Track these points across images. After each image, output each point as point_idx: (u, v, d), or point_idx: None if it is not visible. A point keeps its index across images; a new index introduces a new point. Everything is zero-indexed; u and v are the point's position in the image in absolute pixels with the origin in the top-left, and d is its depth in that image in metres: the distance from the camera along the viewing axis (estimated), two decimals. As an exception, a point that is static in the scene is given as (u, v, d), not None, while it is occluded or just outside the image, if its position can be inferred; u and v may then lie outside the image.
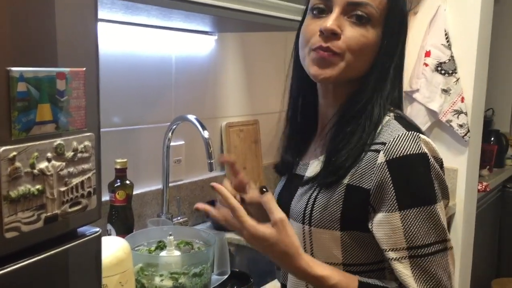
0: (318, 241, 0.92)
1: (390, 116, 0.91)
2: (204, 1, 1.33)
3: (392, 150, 0.85)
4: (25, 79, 0.58)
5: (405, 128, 0.88)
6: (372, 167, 0.86)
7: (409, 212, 0.83)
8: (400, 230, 0.83)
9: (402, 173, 0.84)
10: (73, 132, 0.66)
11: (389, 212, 0.84)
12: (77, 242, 0.69)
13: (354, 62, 0.90)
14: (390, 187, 0.84)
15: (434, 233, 0.84)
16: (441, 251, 0.84)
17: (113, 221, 1.51)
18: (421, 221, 0.83)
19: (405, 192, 0.84)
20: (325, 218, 0.90)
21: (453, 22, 2.27)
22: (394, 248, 0.84)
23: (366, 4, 0.89)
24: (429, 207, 0.83)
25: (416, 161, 0.84)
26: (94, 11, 0.71)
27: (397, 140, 0.85)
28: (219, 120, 2.07)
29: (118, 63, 1.64)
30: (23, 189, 0.59)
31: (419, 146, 0.85)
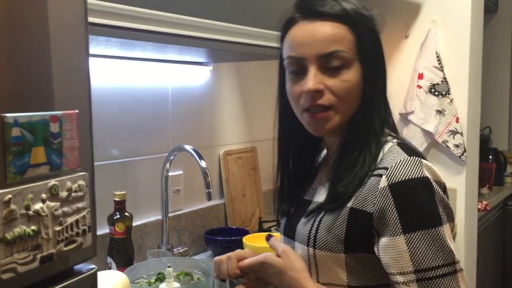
0: (322, 263, 0.93)
1: (393, 143, 0.94)
2: (198, 35, 1.36)
3: (394, 175, 0.86)
4: (20, 124, 0.60)
5: (407, 154, 0.90)
6: (375, 191, 0.88)
7: (414, 235, 0.84)
8: (406, 254, 0.84)
9: (404, 196, 0.86)
10: (67, 172, 0.67)
11: (394, 236, 0.85)
12: (74, 280, 0.70)
13: (346, 107, 0.94)
14: (393, 211, 0.85)
15: (441, 256, 0.84)
16: (450, 274, 0.84)
17: (113, 253, 1.52)
18: (427, 243, 0.83)
19: (409, 215, 0.85)
20: (329, 240, 0.91)
21: (444, 44, 2.30)
22: (401, 272, 0.84)
23: (336, 52, 0.91)
24: (434, 229, 0.84)
25: (419, 185, 0.86)
26: (86, 53, 0.73)
27: (399, 165, 0.87)
28: (217, 149, 2.09)
29: (115, 96, 1.67)
30: (19, 231, 0.61)
31: (420, 170, 0.87)
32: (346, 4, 0.94)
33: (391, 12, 2.40)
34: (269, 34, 1.56)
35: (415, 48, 2.35)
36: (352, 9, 0.94)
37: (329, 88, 0.91)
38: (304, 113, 0.95)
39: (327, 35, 0.91)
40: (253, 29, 1.51)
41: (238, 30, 1.46)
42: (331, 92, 0.91)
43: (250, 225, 2.13)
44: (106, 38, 1.22)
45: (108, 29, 1.12)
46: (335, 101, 0.92)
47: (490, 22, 3.69)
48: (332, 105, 0.92)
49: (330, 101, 0.92)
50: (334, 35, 0.91)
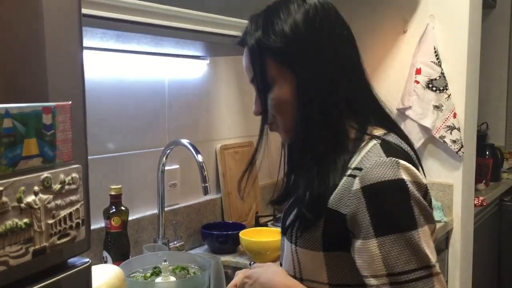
0: (304, 260, 0.93)
1: (376, 141, 0.91)
2: (194, 27, 1.35)
3: (367, 177, 0.85)
4: (11, 115, 0.60)
5: (385, 154, 0.87)
6: (348, 193, 0.86)
7: (386, 238, 0.82)
8: (379, 257, 0.82)
9: (377, 199, 0.84)
10: (60, 164, 0.67)
11: (366, 239, 0.84)
12: (67, 274, 0.70)
13: (285, 120, 0.96)
14: (366, 214, 0.84)
15: (415, 260, 0.82)
16: (425, 277, 0.82)
17: (109, 247, 1.51)
18: (400, 247, 0.82)
19: (380, 218, 0.83)
20: (307, 239, 0.91)
21: (442, 39, 2.30)
22: (374, 275, 0.83)
23: (251, 79, 0.97)
24: (407, 233, 0.82)
25: (392, 187, 0.84)
26: (79, 45, 0.72)
27: (373, 166, 0.85)
28: (213, 143, 2.09)
29: (112, 89, 1.66)
30: (11, 224, 0.60)
31: (396, 172, 0.84)
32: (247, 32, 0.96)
33: (389, 6, 2.39)
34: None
35: (413, 43, 2.35)
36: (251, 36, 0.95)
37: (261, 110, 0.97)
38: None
39: (244, 65, 0.99)
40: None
41: (235, 23, 1.45)
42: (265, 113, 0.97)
43: (246, 220, 2.13)
44: (102, 31, 1.21)
45: (103, 21, 1.11)
46: (274, 118, 0.97)
47: (488, 18, 3.68)
48: (274, 121, 0.98)
49: (271, 118, 0.97)
50: (246, 64, 0.98)
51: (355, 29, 1.00)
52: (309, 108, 0.92)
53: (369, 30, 2.42)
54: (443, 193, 2.34)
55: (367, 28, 2.42)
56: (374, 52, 2.44)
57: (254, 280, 1.01)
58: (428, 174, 2.46)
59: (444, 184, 2.33)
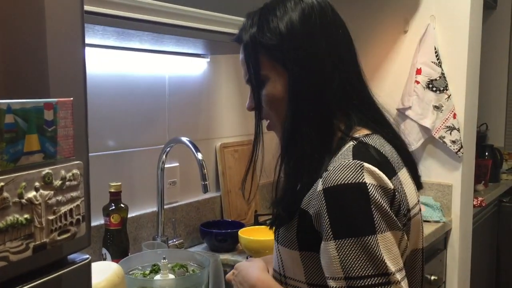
0: (284, 258, 0.95)
1: (353, 142, 0.90)
2: (195, 25, 1.35)
3: (329, 179, 0.84)
4: (13, 111, 0.60)
5: (352, 157, 0.86)
6: (315, 194, 0.87)
7: (344, 242, 0.81)
8: (336, 260, 0.82)
9: (336, 202, 0.83)
10: (61, 160, 0.67)
11: (326, 241, 0.83)
12: (67, 270, 0.70)
13: (275, 115, 0.97)
14: (326, 216, 0.83)
15: (371, 266, 0.80)
16: (381, 285, 0.80)
17: (108, 245, 1.51)
18: (356, 252, 0.80)
19: (339, 221, 0.82)
20: (286, 237, 0.93)
21: (443, 39, 2.30)
22: (333, 277, 0.83)
23: (245, 75, 0.98)
24: (364, 238, 0.80)
25: (352, 191, 0.82)
26: (81, 41, 0.72)
27: (336, 168, 0.84)
28: (213, 141, 2.09)
29: (112, 87, 1.66)
30: (11, 219, 0.60)
31: (358, 175, 0.83)
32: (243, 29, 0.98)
33: (390, 6, 2.39)
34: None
35: (414, 43, 2.34)
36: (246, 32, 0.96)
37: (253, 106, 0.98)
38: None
39: (240, 59, 1.00)
40: (251, 21, 1.49)
41: (236, 21, 1.45)
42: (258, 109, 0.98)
43: (246, 218, 2.13)
44: (103, 28, 1.21)
45: (104, 18, 1.11)
46: (267, 112, 0.98)
47: (489, 19, 3.68)
48: (266, 118, 0.99)
49: (265, 115, 0.99)
50: (241, 61, 0.99)
51: (356, 29, 1.00)
52: (299, 105, 0.92)
53: (369, 30, 2.42)
54: (442, 193, 2.34)
55: (368, 27, 2.42)
56: (375, 51, 2.44)
57: (238, 272, 1.06)
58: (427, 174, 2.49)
59: (443, 185, 2.33)
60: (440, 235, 2.27)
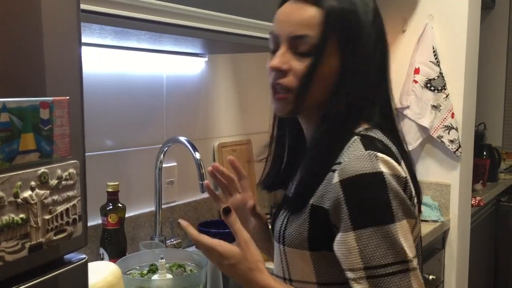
0: (292, 260, 0.93)
1: (358, 136, 0.90)
2: (193, 24, 1.34)
3: (346, 170, 0.84)
4: (8, 110, 0.59)
5: (364, 148, 0.87)
6: (330, 187, 0.86)
7: (363, 231, 0.82)
8: (356, 250, 0.82)
9: (355, 192, 0.84)
10: (57, 160, 0.66)
11: (345, 232, 0.84)
12: (63, 270, 0.69)
13: (309, 94, 0.91)
14: (344, 207, 0.83)
15: (392, 254, 0.81)
16: (401, 272, 0.82)
17: (105, 244, 1.51)
18: (376, 241, 0.81)
19: (358, 211, 0.83)
20: (295, 238, 0.91)
21: (441, 39, 2.30)
22: (352, 268, 0.83)
23: (305, 36, 0.89)
24: (384, 226, 0.82)
25: (370, 180, 0.83)
26: (78, 40, 0.72)
27: (352, 159, 0.85)
28: (211, 141, 2.08)
29: (109, 86, 1.66)
30: (7, 219, 0.59)
31: (374, 165, 0.84)
32: None
33: (389, 6, 2.39)
34: (266, 26, 1.55)
35: (412, 42, 2.35)
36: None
37: (293, 70, 0.91)
38: (270, 91, 0.95)
39: (301, 18, 0.90)
40: (249, 20, 1.49)
41: (234, 20, 1.45)
42: (294, 75, 0.91)
43: (243, 218, 2.12)
44: (100, 27, 1.21)
45: (102, 17, 1.11)
46: (296, 85, 0.91)
47: (487, 18, 3.69)
48: (292, 88, 0.91)
49: (291, 83, 0.91)
50: (308, 19, 0.90)
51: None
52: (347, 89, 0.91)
53: (368, 29, 2.42)
54: (440, 193, 2.34)
55: (366, 27, 2.41)
56: (373, 51, 2.44)
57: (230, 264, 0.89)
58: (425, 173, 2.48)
59: (441, 184, 2.33)
60: (438, 235, 2.27)
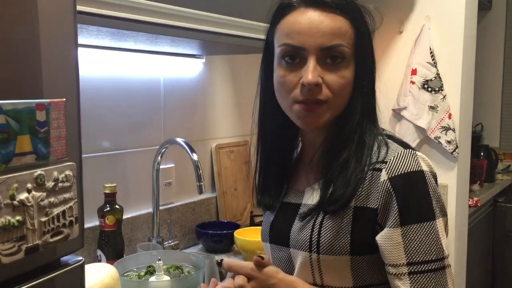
0: (327, 267, 0.92)
1: (382, 136, 0.94)
2: (190, 26, 1.34)
3: (394, 168, 0.87)
4: (4, 112, 0.59)
5: (402, 147, 0.91)
6: (376, 186, 0.88)
7: (410, 228, 0.85)
8: (401, 246, 0.85)
9: (404, 189, 0.86)
10: (53, 162, 0.66)
11: (392, 228, 0.86)
12: (60, 272, 0.69)
13: (339, 103, 0.92)
14: (394, 204, 0.86)
15: (434, 250, 0.85)
16: (440, 269, 0.85)
17: (103, 246, 1.51)
18: (421, 237, 0.85)
19: (407, 208, 0.86)
20: (335, 244, 0.90)
21: (438, 40, 2.30)
22: (394, 263, 0.86)
23: (339, 45, 0.89)
24: (429, 223, 0.85)
25: (417, 178, 0.87)
26: (74, 42, 0.72)
27: (397, 158, 0.88)
28: (209, 142, 2.08)
29: (107, 87, 1.65)
30: (3, 221, 0.59)
31: (417, 163, 0.88)
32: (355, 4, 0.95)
33: (386, 7, 2.39)
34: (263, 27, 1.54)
35: (409, 43, 2.35)
36: (354, 3, 0.94)
37: (326, 83, 0.89)
38: (296, 105, 0.91)
39: (331, 27, 0.88)
40: (246, 21, 1.49)
41: (231, 22, 1.45)
42: (327, 87, 0.89)
43: (241, 219, 2.12)
44: (97, 28, 1.20)
45: (98, 19, 1.10)
46: (331, 96, 0.89)
47: (484, 19, 3.69)
48: (327, 100, 0.89)
49: (327, 96, 0.89)
50: (339, 28, 0.89)
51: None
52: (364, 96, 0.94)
53: (365, 30, 2.42)
54: (437, 193, 2.34)
55: (363, 28, 2.42)
56: (370, 52, 2.44)
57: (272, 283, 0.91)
58: (423, 174, 2.46)
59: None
60: (436, 235, 2.27)
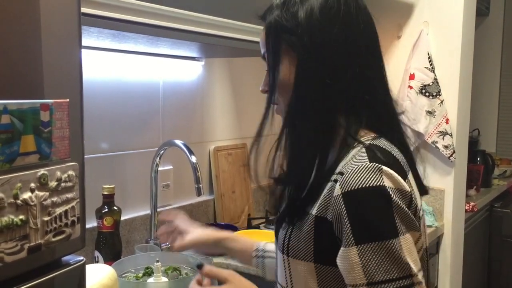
0: (295, 272, 0.91)
1: (363, 146, 0.88)
2: (190, 28, 1.35)
3: (348, 182, 0.82)
4: (9, 111, 0.59)
5: (369, 159, 0.84)
6: (331, 198, 0.85)
7: (367, 246, 0.79)
8: (359, 266, 0.80)
9: (357, 206, 0.81)
10: (56, 162, 0.66)
11: (347, 247, 0.81)
12: (61, 272, 0.69)
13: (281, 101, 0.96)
14: (346, 221, 0.81)
15: (396, 269, 0.79)
16: (406, 287, 0.79)
17: (100, 247, 1.51)
18: (380, 256, 0.79)
19: (360, 226, 0.80)
20: (300, 249, 0.89)
21: (436, 45, 2.31)
22: (354, 284, 0.81)
23: (263, 54, 0.97)
24: (387, 241, 0.79)
25: (372, 194, 0.81)
26: (78, 42, 0.72)
27: (354, 171, 0.82)
28: (207, 144, 2.09)
29: (106, 89, 1.66)
30: (6, 220, 0.60)
31: (377, 178, 0.81)
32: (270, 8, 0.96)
33: (384, 12, 2.40)
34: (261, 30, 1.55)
35: (407, 48, 2.36)
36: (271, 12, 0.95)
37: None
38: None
39: (260, 37, 0.99)
40: (246, 24, 1.50)
41: (231, 25, 1.46)
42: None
43: (239, 222, 2.13)
44: (98, 30, 1.21)
45: (100, 20, 1.11)
46: (278, 99, 0.96)
47: (482, 25, 3.72)
48: (277, 102, 0.97)
49: (276, 98, 0.96)
50: (261, 39, 0.98)
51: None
52: (303, 93, 0.91)
53: (363, 35, 2.43)
54: (434, 198, 2.35)
55: (362, 33, 2.43)
56: (368, 57, 2.45)
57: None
58: (420, 178, 2.45)
59: (435, 189, 2.34)
60: (432, 240, 2.28)
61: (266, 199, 2.37)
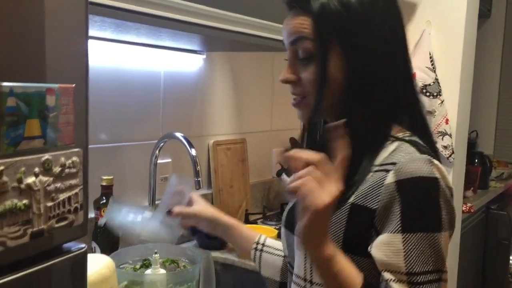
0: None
1: (402, 141, 0.88)
2: (192, 20, 1.34)
3: (403, 170, 0.82)
4: (15, 94, 0.59)
5: (418, 151, 0.85)
6: (380, 187, 0.83)
7: (412, 236, 0.80)
8: (401, 253, 0.80)
9: (411, 194, 0.81)
10: (61, 147, 0.66)
11: (392, 233, 0.81)
12: (63, 258, 0.69)
13: (320, 97, 0.89)
14: (397, 208, 0.81)
15: (433, 262, 0.80)
16: (436, 281, 0.80)
17: (98, 238, 1.50)
18: (422, 247, 0.80)
19: (411, 214, 0.80)
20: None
21: (438, 45, 2.32)
22: (393, 270, 0.81)
23: (299, 38, 0.89)
24: (433, 234, 0.80)
25: (427, 184, 0.81)
26: (85, 29, 0.71)
27: (409, 160, 0.82)
28: (206, 138, 2.08)
29: (106, 80, 1.65)
30: (10, 204, 0.59)
31: (431, 169, 0.81)
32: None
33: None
34: (265, 25, 1.55)
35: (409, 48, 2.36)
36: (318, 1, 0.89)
37: (302, 79, 0.91)
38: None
39: (294, 24, 0.90)
40: (249, 18, 1.49)
41: (233, 18, 1.45)
42: (303, 84, 0.91)
43: (236, 217, 2.12)
44: (101, 19, 1.20)
45: (103, 9, 1.10)
46: (308, 92, 0.91)
47: (483, 27, 3.72)
48: (306, 95, 0.92)
49: (302, 92, 0.92)
50: (300, 24, 0.89)
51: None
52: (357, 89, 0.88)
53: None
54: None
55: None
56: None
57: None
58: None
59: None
60: (429, 239, 2.28)
61: (264, 195, 2.37)
